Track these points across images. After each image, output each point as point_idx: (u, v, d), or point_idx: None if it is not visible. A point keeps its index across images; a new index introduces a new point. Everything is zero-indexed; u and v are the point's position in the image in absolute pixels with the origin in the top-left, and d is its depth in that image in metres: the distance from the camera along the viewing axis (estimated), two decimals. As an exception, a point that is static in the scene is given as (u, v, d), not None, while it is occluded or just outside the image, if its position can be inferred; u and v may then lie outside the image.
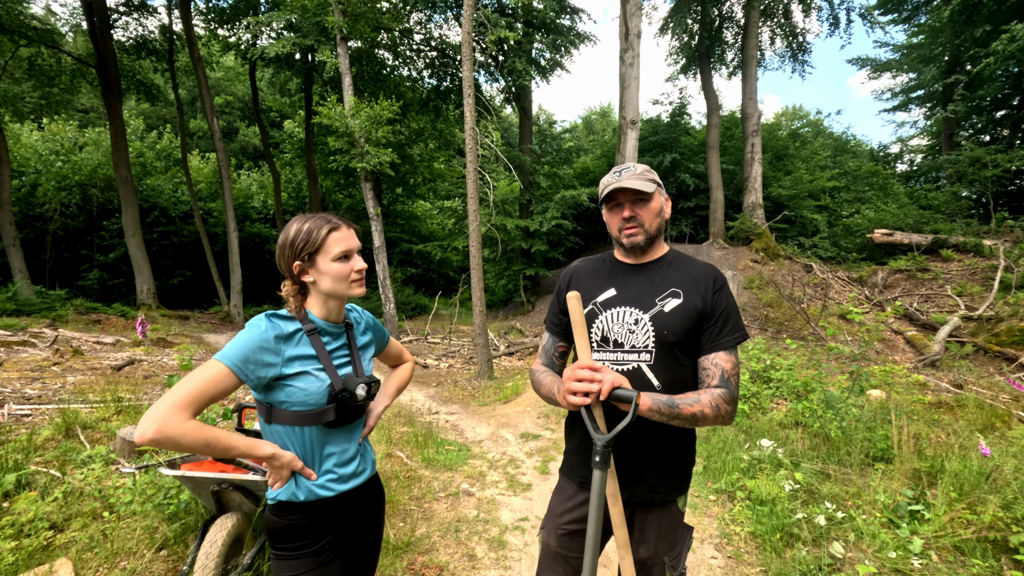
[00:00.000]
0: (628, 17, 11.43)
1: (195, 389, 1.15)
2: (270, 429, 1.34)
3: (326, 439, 1.37)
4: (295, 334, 1.31)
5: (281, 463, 1.30)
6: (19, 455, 3.24)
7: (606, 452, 1.23)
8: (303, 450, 1.34)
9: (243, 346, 1.22)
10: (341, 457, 1.40)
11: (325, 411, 1.31)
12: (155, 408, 1.10)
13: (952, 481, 3.20)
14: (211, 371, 1.18)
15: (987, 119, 17.96)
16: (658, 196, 1.49)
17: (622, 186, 1.42)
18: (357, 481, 1.45)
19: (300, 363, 1.29)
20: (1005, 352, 7.32)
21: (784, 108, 37.78)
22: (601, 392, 1.24)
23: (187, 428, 1.12)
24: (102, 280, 17.63)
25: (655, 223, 1.48)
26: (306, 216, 1.36)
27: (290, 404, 1.29)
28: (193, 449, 1.15)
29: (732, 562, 2.91)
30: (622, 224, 1.48)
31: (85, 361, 6.76)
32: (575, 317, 1.34)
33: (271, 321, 1.29)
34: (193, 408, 1.14)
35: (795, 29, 17.87)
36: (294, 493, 1.34)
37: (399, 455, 4.38)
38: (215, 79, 29.87)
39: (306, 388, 1.28)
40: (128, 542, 2.59)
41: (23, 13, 13.89)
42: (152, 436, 1.07)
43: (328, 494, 1.37)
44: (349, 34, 11.67)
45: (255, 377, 1.23)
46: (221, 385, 1.18)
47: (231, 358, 1.19)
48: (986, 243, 11.26)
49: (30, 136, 19.11)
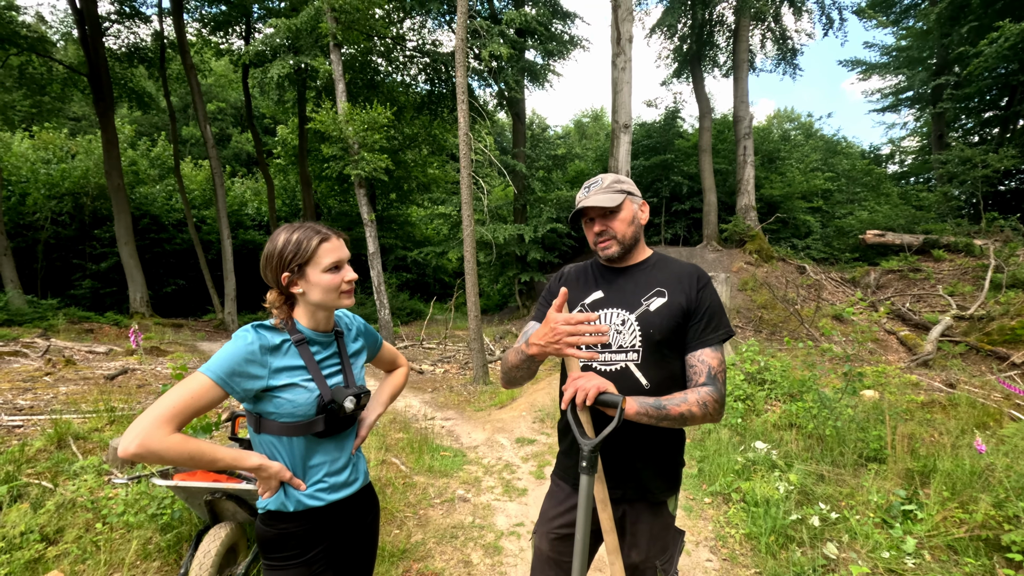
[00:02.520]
0: (620, 22, 11.51)
1: (179, 403, 1.14)
2: (259, 439, 1.33)
3: (315, 449, 1.36)
4: (282, 345, 1.30)
5: (269, 474, 1.29)
6: (11, 466, 3.22)
7: (593, 457, 1.23)
8: (292, 460, 1.33)
9: (228, 359, 1.20)
10: (331, 467, 1.39)
11: (314, 422, 1.30)
12: (138, 422, 1.09)
13: (945, 480, 3.22)
14: (195, 384, 1.17)
15: (976, 120, 18.14)
16: (628, 205, 1.51)
17: (587, 205, 1.47)
18: (348, 491, 1.44)
19: (288, 374, 1.28)
20: (997, 351, 7.39)
21: (776, 111, 38.10)
22: (588, 397, 1.24)
23: (170, 442, 1.11)
24: (94, 289, 17.50)
25: (628, 231, 1.51)
26: (293, 226, 1.33)
27: (278, 415, 1.28)
28: (177, 462, 1.14)
29: (727, 564, 2.92)
30: (595, 238, 1.53)
31: (78, 371, 6.71)
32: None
33: (257, 332, 1.27)
34: (176, 422, 1.13)
35: (785, 32, 18.03)
36: (283, 503, 1.33)
37: (394, 462, 4.37)
38: (207, 85, 29.78)
39: (294, 399, 1.27)
40: (121, 553, 2.57)
41: (13, 21, 13.83)
42: (134, 450, 1.07)
43: (318, 504, 1.36)
44: (342, 41, 11.69)
45: (241, 390, 1.22)
46: (205, 398, 1.17)
47: (216, 371, 1.18)
48: (976, 243, 11.35)
49: (20, 144, 19.00)
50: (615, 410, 1.25)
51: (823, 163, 19.24)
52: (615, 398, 1.24)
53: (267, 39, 13.42)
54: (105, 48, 14.94)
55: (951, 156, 13.88)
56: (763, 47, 18.70)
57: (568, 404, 1.30)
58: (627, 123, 11.66)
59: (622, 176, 1.55)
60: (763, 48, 18.73)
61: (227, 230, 15.53)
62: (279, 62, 12.92)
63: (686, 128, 20.71)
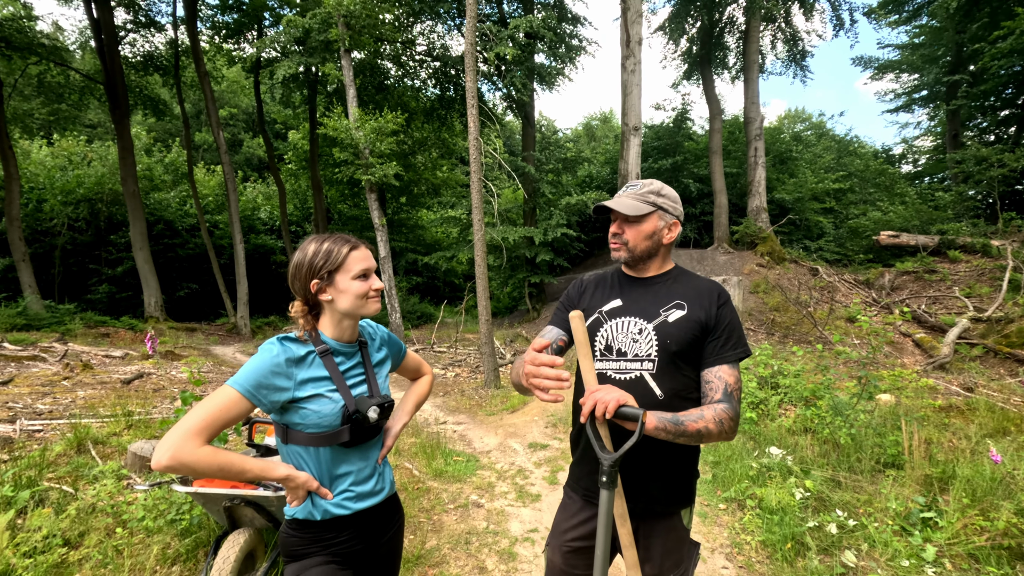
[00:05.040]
0: (629, 24, 11.50)
1: (208, 415, 1.17)
2: (287, 449, 1.36)
3: (342, 459, 1.38)
4: (307, 356, 1.32)
5: (296, 484, 1.31)
6: (32, 471, 3.27)
7: (613, 472, 1.22)
8: (319, 470, 1.35)
9: (255, 371, 1.23)
10: (358, 476, 1.41)
11: (339, 432, 1.33)
12: (169, 435, 1.13)
13: (964, 487, 3.17)
14: (224, 397, 1.20)
15: (992, 119, 17.89)
16: (654, 219, 1.50)
17: (609, 205, 1.49)
18: (375, 500, 1.45)
19: (313, 385, 1.30)
20: (1015, 353, 7.26)
21: (787, 111, 37.82)
22: (607, 410, 1.22)
23: (201, 454, 1.14)
24: (110, 294, 17.77)
25: (642, 245, 1.50)
26: (322, 236, 1.38)
27: (305, 426, 1.30)
28: (208, 474, 1.17)
29: (743, 572, 2.90)
30: (611, 237, 1.55)
31: (95, 375, 6.81)
32: (578, 337, 1.32)
33: (283, 345, 1.30)
34: (207, 434, 1.17)
35: (796, 33, 17.93)
36: (311, 512, 1.36)
37: (407, 466, 4.39)
38: (219, 91, 30.17)
39: (320, 410, 1.30)
40: (141, 558, 2.60)
41: (32, 31, 14.11)
42: (167, 463, 1.10)
43: (344, 512, 1.38)
44: (352, 46, 11.79)
45: (268, 402, 1.25)
46: (234, 411, 1.21)
47: (243, 384, 1.21)
48: (994, 243, 11.18)
49: (39, 152, 19.35)
50: (634, 424, 1.23)
51: (836, 163, 19.07)
52: (636, 412, 1.22)
53: (275, 38, 13.53)
54: (121, 57, 15.20)
55: (967, 155, 13.69)
56: (773, 48, 18.61)
57: (587, 417, 1.27)
58: (637, 125, 11.64)
59: (667, 189, 1.53)
60: (774, 49, 18.64)
61: (239, 235, 15.71)
62: (286, 63, 13.04)
63: (696, 130, 20.63)
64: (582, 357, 1.34)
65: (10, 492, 2.93)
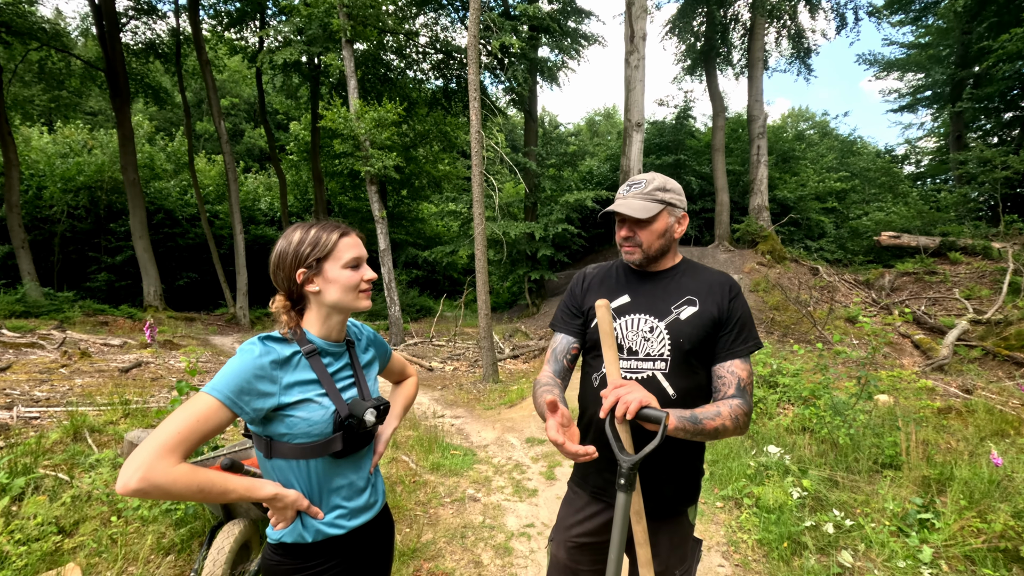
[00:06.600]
0: (633, 20, 11.42)
1: (183, 428, 1.02)
2: (270, 464, 1.20)
3: (333, 472, 1.24)
4: (292, 357, 1.18)
5: (285, 503, 1.17)
6: (28, 458, 3.27)
7: (632, 475, 1.15)
8: (308, 486, 1.21)
9: (236, 375, 1.09)
10: (350, 490, 1.28)
11: (331, 441, 1.19)
12: (138, 453, 0.97)
13: (962, 489, 3.16)
14: (200, 406, 1.05)
15: (996, 121, 17.84)
16: (664, 217, 1.44)
17: (618, 210, 1.42)
18: (369, 515, 1.33)
19: (300, 389, 1.16)
20: (1015, 356, 7.25)
21: (791, 110, 37.70)
22: (629, 411, 1.16)
23: (176, 474, 0.99)
24: (109, 282, 17.76)
25: (656, 243, 1.45)
26: (308, 223, 1.25)
27: (292, 436, 1.16)
28: (185, 496, 1.03)
29: (740, 570, 2.89)
30: (622, 241, 1.48)
31: (93, 363, 6.80)
32: (604, 327, 1.26)
33: (265, 345, 1.16)
34: (182, 450, 1.01)
35: (802, 31, 17.82)
36: (301, 534, 1.21)
37: (404, 459, 4.39)
38: (221, 80, 30.03)
39: (309, 417, 1.16)
40: (136, 547, 2.60)
41: (33, 15, 14.02)
42: (136, 486, 0.95)
43: (338, 532, 1.25)
44: (354, 37, 11.71)
45: (251, 410, 1.10)
46: (212, 421, 1.06)
47: (223, 390, 1.07)
48: (995, 246, 11.16)
49: (40, 139, 19.26)
50: (656, 425, 1.18)
51: (839, 163, 19.01)
52: (659, 414, 1.16)
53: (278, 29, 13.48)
54: (122, 44, 15.11)
55: (970, 157, 13.65)
56: (778, 45, 18.51)
57: (607, 414, 1.20)
58: (639, 121, 11.58)
59: (670, 183, 1.47)
60: (778, 46, 18.54)
61: (240, 225, 15.68)
62: (287, 49, 12.95)
63: (698, 127, 20.54)
64: (606, 348, 1.28)
65: (5, 479, 2.93)
